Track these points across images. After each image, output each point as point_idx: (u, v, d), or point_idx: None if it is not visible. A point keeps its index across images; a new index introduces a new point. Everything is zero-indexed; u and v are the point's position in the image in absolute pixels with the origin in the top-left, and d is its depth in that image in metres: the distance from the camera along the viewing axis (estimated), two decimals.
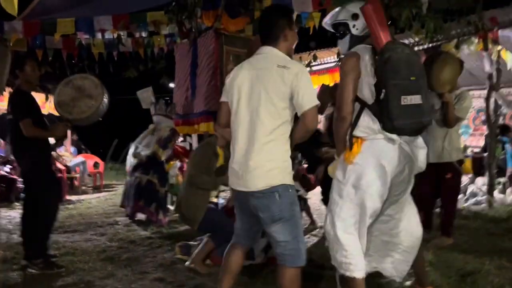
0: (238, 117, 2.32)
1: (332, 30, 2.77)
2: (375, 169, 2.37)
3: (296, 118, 2.31)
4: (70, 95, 3.56)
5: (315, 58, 7.62)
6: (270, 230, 2.29)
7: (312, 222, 5.18)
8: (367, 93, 2.40)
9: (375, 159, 2.37)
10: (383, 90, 2.30)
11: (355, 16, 2.54)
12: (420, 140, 2.47)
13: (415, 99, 2.33)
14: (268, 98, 2.22)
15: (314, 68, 8.80)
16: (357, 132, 2.42)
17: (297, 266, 2.28)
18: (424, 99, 2.36)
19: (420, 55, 3.81)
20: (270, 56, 2.31)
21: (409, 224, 2.60)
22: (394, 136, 2.36)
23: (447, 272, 3.28)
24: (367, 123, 2.39)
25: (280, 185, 2.23)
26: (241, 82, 2.32)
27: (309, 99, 2.20)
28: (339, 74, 2.52)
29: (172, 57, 5.71)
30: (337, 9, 2.73)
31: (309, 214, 5.19)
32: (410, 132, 2.39)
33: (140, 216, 5.66)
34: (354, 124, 2.43)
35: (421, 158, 2.47)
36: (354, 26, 2.56)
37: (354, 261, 2.38)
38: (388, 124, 2.32)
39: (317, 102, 2.21)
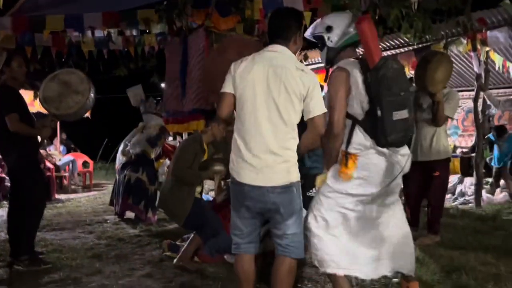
0: (255, 112, 2.27)
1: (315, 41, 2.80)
2: (366, 180, 2.43)
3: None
4: (56, 90, 3.54)
5: (305, 57, 7.66)
6: (284, 224, 2.31)
7: None
8: (358, 109, 2.43)
9: (367, 172, 2.43)
10: (378, 107, 2.35)
11: (329, 29, 2.57)
12: (405, 149, 2.51)
13: (404, 113, 2.40)
14: (288, 97, 2.25)
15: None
16: (351, 149, 2.45)
17: (299, 257, 2.36)
18: (409, 112, 2.43)
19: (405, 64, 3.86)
20: (286, 56, 2.33)
21: (399, 225, 2.60)
22: (384, 149, 2.42)
23: (433, 268, 3.32)
24: (360, 140, 2.43)
25: (297, 181, 2.32)
26: (257, 76, 2.28)
27: (321, 106, 2.30)
28: (328, 89, 2.51)
29: (163, 55, 5.70)
30: (317, 20, 2.76)
31: None
32: (399, 145, 2.46)
33: (129, 214, 5.64)
34: (347, 141, 2.46)
35: (406, 166, 2.51)
36: (328, 38, 2.58)
37: (337, 259, 2.40)
38: (383, 139, 2.38)
39: (325, 110, 2.32)
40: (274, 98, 2.25)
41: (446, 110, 4.01)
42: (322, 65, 9.20)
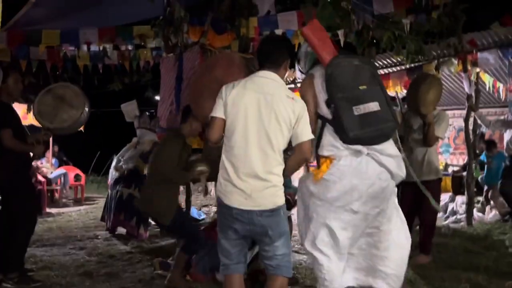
0: (246, 138, 2.32)
1: None
2: (342, 185, 2.43)
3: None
4: (50, 104, 3.54)
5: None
6: (273, 245, 2.36)
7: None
8: (325, 109, 2.51)
9: (343, 176, 2.44)
10: (332, 105, 2.42)
11: (298, 61, 2.82)
12: (390, 149, 2.48)
13: (370, 107, 2.40)
14: (277, 125, 2.31)
15: (298, 85, 8.93)
16: (323, 152, 2.50)
17: (289, 276, 2.43)
18: (382, 106, 2.43)
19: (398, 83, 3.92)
20: (277, 83, 2.39)
21: (398, 236, 2.61)
22: (359, 147, 2.42)
23: None
24: (329, 141, 2.48)
25: (283, 204, 2.39)
26: (249, 102, 2.34)
27: (308, 132, 2.37)
28: None
29: (158, 70, 5.73)
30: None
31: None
32: (370, 141, 2.43)
33: (121, 230, 5.59)
34: (317, 144, 2.51)
35: (393, 166, 2.49)
36: (301, 67, 2.81)
37: (329, 277, 2.47)
38: (345, 136, 2.41)
39: (312, 136, 2.39)
40: (265, 125, 2.31)
41: (436, 131, 4.06)
42: None
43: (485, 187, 7.22)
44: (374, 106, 2.41)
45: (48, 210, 8.02)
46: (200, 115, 3.38)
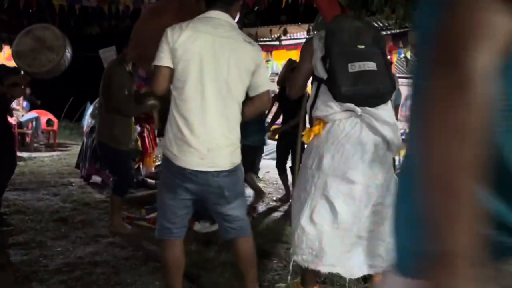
0: (202, 89, 2.04)
1: None
2: (336, 150, 2.26)
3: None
4: (29, 46, 3.36)
5: (285, 32, 7.60)
6: (230, 207, 2.21)
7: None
8: (320, 68, 2.34)
9: (336, 141, 2.27)
10: (328, 59, 2.28)
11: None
12: (386, 115, 2.31)
13: (367, 65, 2.28)
14: (237, 73, 2.08)
15: (283, 43, 8.78)
16: (317, 112, 2.34)
17: (250, 235, 2.34)
18: (380, 67, 2.31)
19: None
20: (230, 25, 2.14)
21: None
22: (352, 106, 2.24)
23: None
24: (323, 101, 2.31)
25: (240, 163, 2.22)
26: (203, 47, 2.04)
27: (268, 81, 2.23)
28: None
29: (137, 17, 5.50)
30: None
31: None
32: (364, 100, 2.26)
33: (96, 178, 5.54)
34: (312, 105, 2.39)
35: (389, 134, 2.30)
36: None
37: (324, 252, 2.23)
38: (337, 91, 2.23)
39: (271, 85, 2.30)
40: (224, 73, 2.05)
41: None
42: (302, 41, 9.22)
43: None
44: (372, 65, 2.28)
45: (19, 154, 7.83)
46: (146, 67, 3.08)
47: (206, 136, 2.05)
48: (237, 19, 2.28)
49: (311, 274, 2.39)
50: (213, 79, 2.05)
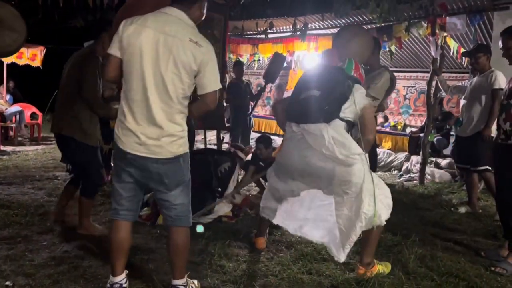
0: (143, 82, 2.14)
1: None
2: (282, 158, 2.94)
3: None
4: None
5: (271, 25, 7.60)
6: (169, 194, 2.30)
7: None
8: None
9: (283, 151, 2.96)
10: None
11: None
12: (315, 129, 2.65)
13: (311, 92, 2.80)
14: (176, 72, 2.14)
15: (269, 36, 8.78)
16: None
17: (188, 225, 2.40)
18: (323, 93, 2.75)
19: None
20: (182, 23, 2.18)
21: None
22: (292, 124, 2.80)
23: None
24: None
25: (184, 153, 2.29)
26: (145, 43, 2.12)
27: (214, 82, 2.22)
28: None
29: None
30: None
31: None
32: (298, 117, 2.79)
33: None
34: None
35: (319, 146, 2.63)
36: None
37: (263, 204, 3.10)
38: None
39: (219, 86, 2.25)
40: (161, 71, 2.13)
41: (371, 89, 3.76)
42: (287, 34, 9.24)
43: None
44: (316, 92, 2.70)
45: (2, 148, 7.75)
46: None
47: (146, 125, 2.17)
48: (202, 17, 2.31)
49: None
50: (152, 74, 2.14)
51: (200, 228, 3.34)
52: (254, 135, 7.43)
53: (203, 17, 2.34)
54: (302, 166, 2.74)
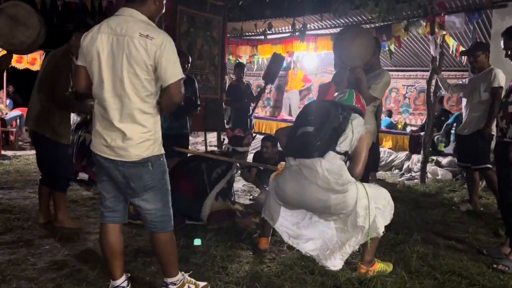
0: (102, 86, 2.16)
1: None
2: (278, 187, 3.01)
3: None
4: (6, 25, 3.29)
5: (270, 26, 7.61)
6: (139, 199, 2.28)
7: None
8: None
9: (280, 180, 3.00)
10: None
11: None
12: (310, 163, 2.75)
13: (307, 129, 2.87)
14: (131, 70, 2.12)
15: (268, 37, 8.79)
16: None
17: (165, 231, 2.35)
18: (316, 129, 2.81)
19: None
20: (132, 20, 2.16)
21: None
22: (290, 159, 2.91)
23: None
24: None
25: (152, 156, 2.23)
26: (100, 47, 2.14)
27: (173, 73, 2.14)
28: None
29: None
30: None
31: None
32: (295, 152, 2.88)
33: (83, 175, 5.52)
34: None
35: (315, 179, 2.73)
36: None
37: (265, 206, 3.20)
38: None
39: (181, 76, 2.17)
40: (118, 72, 2.13)
41: (373, 90, 3.66)
42: (287, 35, 9.25)
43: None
44: (310, 129, 2.79)
45: (3, 152, 7.75)
46: None
47: (109, 128, 2.19)
48: (161, 9, 2.30)
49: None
50: (109, 77, 2.16)
51: (197, 241, 3.33)
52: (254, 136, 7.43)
53: (163, 9, 2.31)
54: (298, 197, 2.85)
